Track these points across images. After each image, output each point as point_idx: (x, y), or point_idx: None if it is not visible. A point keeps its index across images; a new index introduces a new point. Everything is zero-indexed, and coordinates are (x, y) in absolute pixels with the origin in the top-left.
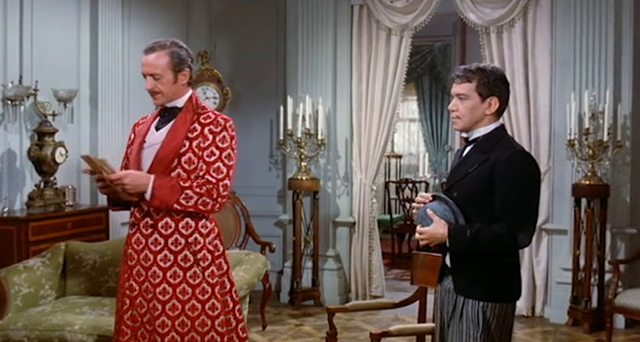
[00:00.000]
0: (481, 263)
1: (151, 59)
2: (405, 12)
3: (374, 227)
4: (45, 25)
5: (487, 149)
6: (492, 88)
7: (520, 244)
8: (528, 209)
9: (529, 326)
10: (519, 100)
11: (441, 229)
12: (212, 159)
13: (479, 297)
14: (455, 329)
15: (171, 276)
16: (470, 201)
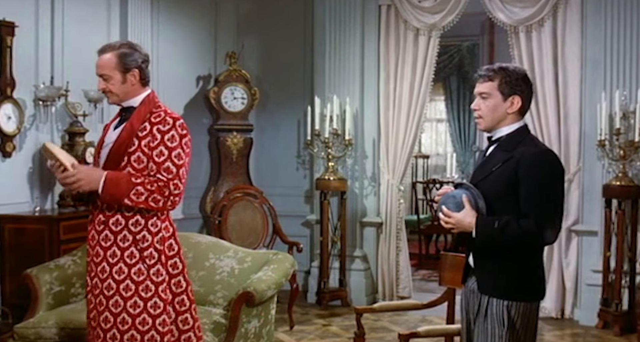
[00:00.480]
0: (505, 262)
1: (100, 61)
2: (433, 12)
3: (402, 227)
4: (76, 27)
5: (511, 147)
6: (514, 87)
7: (547, 240)
8: (554, 205)
9: (558, 328)
10: (549, 100)
11: (469, 217)
12: (162, 159)
13: (503, 296)
14: (480, 328)
15: (116, 272)
16: (494, 199)
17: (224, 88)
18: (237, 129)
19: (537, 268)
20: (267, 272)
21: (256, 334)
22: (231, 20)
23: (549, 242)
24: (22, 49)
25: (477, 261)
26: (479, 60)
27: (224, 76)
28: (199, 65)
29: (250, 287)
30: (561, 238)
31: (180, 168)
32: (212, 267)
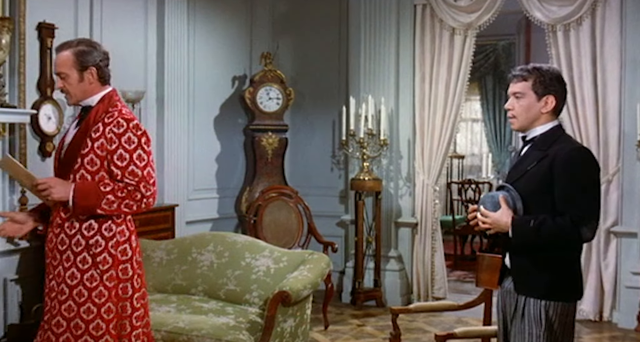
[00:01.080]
0: (541, 261)
1: (58, 59)
2: (470, 11)
3: (437, 228)
4: (113, 28)
5: (545, 146)
6: (548, 87)
7: (584, 237)
8: (590, 202)
9: (596, 331)
10: (587, 100)
11: (505, 217)
12: (124, 163)
13: (540, 296)
14: (517, 329)
15: (69, 277)
16: (530, 198)
17: (259, 88)
18: (272, 129)
19: (574, 267)
20: (303, 271)
21: (292, 333)
22: (266, 21)
23: (587, 240)
24: None
25: (513, 261)
26: (515, 59)
27: (259, 76)
28: (235, 65)
29: (287, 286)
30: (600, 240)
31: (144, 169)
32: (248, 267)
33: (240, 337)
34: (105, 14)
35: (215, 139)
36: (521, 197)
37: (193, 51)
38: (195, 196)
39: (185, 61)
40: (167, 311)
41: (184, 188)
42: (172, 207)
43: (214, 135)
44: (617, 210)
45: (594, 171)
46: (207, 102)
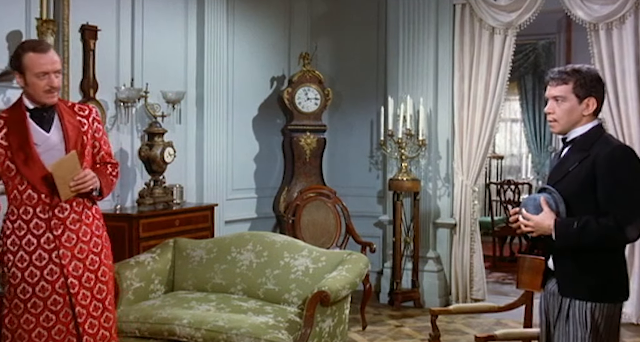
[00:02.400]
0: (586, 262)
1: (54, 56)
2: (510, 10)
3: (475, 229)
4: (154, 30)
5: (587, 146)
6: (589, 89)
7: (629, 236)
8: (634, 201)
9: (638, 335)
10: (630, 99)
11: (548, 220)
12: (107, 145)
13: (585, 297)
14: (561, 331)
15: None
16: (573, 199)
17: (297, 89)
18: (311, 129)
19: (619, 267)
20: (342, 272)
21: (330, 333)
22: (305, 22)
23: (632, 239)
24: (104, 52)
25: (557, 263)
26: (555, 59)
27: (298, 77)
28: (273, 66)
29: (325, 286)
30: None
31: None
32: (287, 266)
33: (279, 337)
34: (147, 16)
35: (254, 139)
36: (563, 199)
37: (232, 52)
38: (234, 195)
39: (224, 62)
40: (206, 309)
41: (222, 188)
42: (212, 207)
43: (252, 136)
44: None
45: (636, 169)
46: (246, 103)
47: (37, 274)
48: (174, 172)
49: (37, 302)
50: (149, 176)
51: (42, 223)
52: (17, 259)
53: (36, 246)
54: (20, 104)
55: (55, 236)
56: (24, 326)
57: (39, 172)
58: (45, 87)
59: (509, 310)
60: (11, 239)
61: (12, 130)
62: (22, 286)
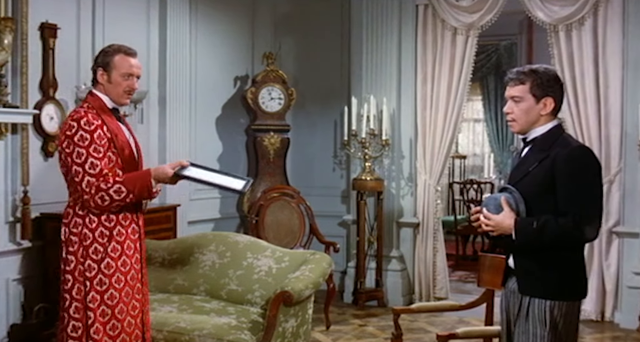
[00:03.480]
0: (545, 261)
1: (139, 63)
2: (471, 11)
3: (438, 228)
4: (116, 28)
5: (546, 147)
6: (546, 89)
7: (588, 236)
8: (592, 201)
9: (598, 331)
10: (589, 100)
11: (508, 219)
12: None
13: (545, 296)
14: (521, 329)
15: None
16: (532, 199)
17: (261, 88)
18: (274, 129)
19: (578, 266)
20: (305, 271)
21: (293, 333)
22: (268, 21)
23: (590, 239)
24: (64, 51)
25: (517, 262)
26: (517, 59)
27: (261, 76)
28: (237, 65)
29: (288, 286)
30: (602, 240)
31: None
32: (250, 267)
33: (242, 337)
34: (108, 14)
35: (217, 139)
36: (524, 198)
37: (195, 51)
38: (197, 195)
39: (187, 61)
40: (169, 311)
41: (185, 188)
42: (174, 207)
43: (215, 136)
44: (619, 210)
45: (594, 170)
46: (209, 102)
47: (129, 263)
48: None
49: (128, 291)
50: None
51: (129, 214)
52: (109, 249)
53: (125, 236)
54: (100, 101)
55: (140, 227)
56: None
57: (136, 168)
58: (127, 88)
59: (470, 308)
60: (99, 231)
61: (111, 126)
62: (116, 275)
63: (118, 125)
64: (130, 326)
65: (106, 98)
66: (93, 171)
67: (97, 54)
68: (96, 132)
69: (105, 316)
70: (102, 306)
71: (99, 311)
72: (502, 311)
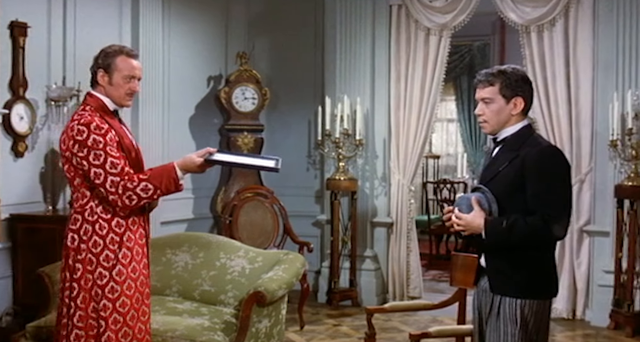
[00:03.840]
0: (516, 260)
1: (140, 64)
2: (444, 12)
3: (412, 227)
4: (87, 27)
5: (516, 146)
6: (515, 89)
7: (556, 234)
8: (560, 200)
9: (569, 329)
10: (560, 100)
11: (478, 219)
12: None
13: (515, 295)
14: (492, 327)
15: None
16: (503, 198)
17: (234, 88)
18: (248, 129)
19: (548, 265)
20: (278, 272)
21: (267, 333)
22: (242, 21)
23: (559, 237)
24: (35, 50)
25: (488, 261)
26: (490, 60)
27: (235, 76)
28: (210, 65)
29: (261, 286)
30: (573, 239)
31: None
32: (223, 267)
33: (215, 338)
34: (79, 13)
35: (191, 138)
36: (495, 197)
37: (168, 51)
38: (170, 196)
39: (160, 61)
40: None
41: None
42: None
43: (189, 135)
44: (590, 209)
45: (564, 169)
46: (183, 102)
47: (137, 268)
48: None
49: (138, 297)
50: None
51: (137, 219)
52: (120, 256)
53: (134, 242)
54: (101, 103)
55: (146, 231)
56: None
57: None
58: (128, 90)
59: (442, 307)
60: (109, 238)
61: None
62: (127, 282)
63: (122, 127)
64: (141, 332)
65: (107, 100)
66: (115, 170)
67: (97, 54)
68: (107, 135)
69: (117, 323)
70: (114, 314)
71: (111, 319)
72: (475, 310)
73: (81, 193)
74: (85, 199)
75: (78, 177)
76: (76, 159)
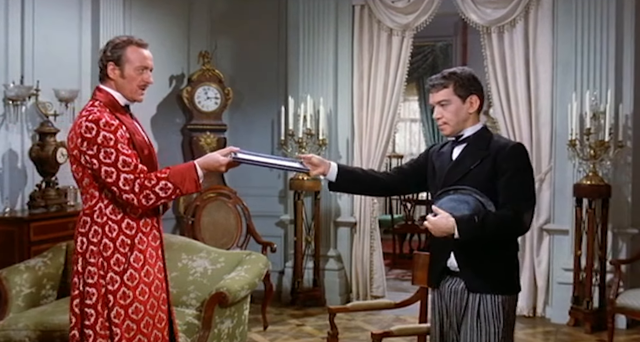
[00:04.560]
0: (492, 259)
1: (151, 54)
2: (407, 13)
3: (375, 227)
4: (46, 25)
5: (484, 145)
6: (469, 88)
7: (525, 224)
8: (530, 193)
9: (530, 326)
10: (520, 100)
11: (444, 220)
12: None
13: (496, 291)
14: (471, 328)
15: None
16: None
17: (197, 88)
18: (211, 128)
19: (516, 261)
20: (240, 272)
21: (229, 334)
22: (204, 20)
23: (527, 227)
24: None
25: (461, 261)
26: (452, 60)
27: (197, 76)
28: (172, 64)
29: (223, 287)
30: (533, 237)
31: None
32: (185, 268)
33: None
34: (38, 10)
35: (153, 138)
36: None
37: None
38: None
39: None
40: None
41: None
42: None
43: (151, 135)
44: (550, 208)
45: (530, 165)
46: (144, 102)
47: (152, 273)
48: (67, 173)
49: (153, 302)
50: (41, 177)
51: (149, 220)
52: (132, 259)
53: (147, 244)
54: (111, 98)
55: (160, 232)
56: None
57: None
58: (141, 82)
59: (404, 306)
60: (119, 240)
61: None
62: (140, 287)
63: (134, 124)
64: (158, 339)
65: (117, 94)
66: (128, 167)
67: (104, 46)
68: (117, 132)
69: (130, 331)
70: (126, 321)
71: (124, 327)
72: (436, 313)
73: (90, 194)
74: (93, 200)
75: (87, 177)
76: (85, 157)
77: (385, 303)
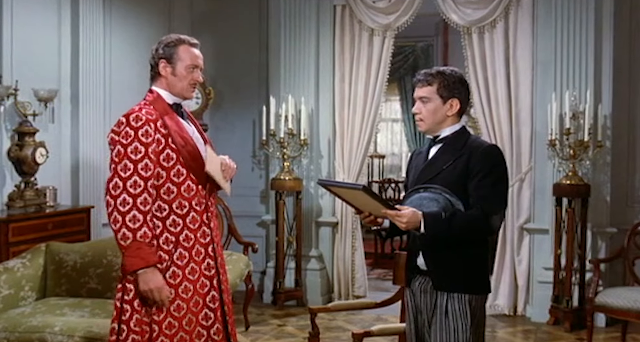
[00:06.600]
0: (460, 258)
1: (200, 53)
2: (388, 13)
3: (357, 227)
4: (25, 25)
5: (459, 146)
6: (452, 90)
7: (493, 226)
8: (501, 195)
9: (510, 325)
10: (501, 100)
11: (411, 212)
12: None
13: (463, 290)
14: (440, 326)
15: None
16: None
17: None
18: None
19: (486, 261)
20: None
21: None
22: (185, 19)
23: (495, 229)
24: None
25: (430, 260)
26: (433, 60)
27: None
28: None
29: None
30: (513, 236)
31: None
32: None
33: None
34: (16, 10)
35: None
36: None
37: (109, 49)
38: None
39: (101, 59)
40: (80, 315)
41: (99, 189)
42: (88, 209)
43: None
44: (530, 207)
45: (505, 167)
46: (124, 101)
47: (197, 270)
48: (47, 174)
49: (197, 300)
50: (20, 177)
51: (197, 216)
52: (175, 257)
53: (194, 241)
54: (160, 98)
55: (211, 229)
56: (185, 328)
57: (203, 165)
58: (192, 80)
59: (385, 306)
60: (163, 237)
61: (168, 122)
62: (183, 284)
63: (178, 120)
64: (201, 337)
65: (166, 93)
66: (124, 173)
67: (155, 46)
68: (142, 128)
69: (172, 328)
70: (168, 318)
71: (165, 323)
72: (410, 311)
73: None
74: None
75: None
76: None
77: (366, 303)
